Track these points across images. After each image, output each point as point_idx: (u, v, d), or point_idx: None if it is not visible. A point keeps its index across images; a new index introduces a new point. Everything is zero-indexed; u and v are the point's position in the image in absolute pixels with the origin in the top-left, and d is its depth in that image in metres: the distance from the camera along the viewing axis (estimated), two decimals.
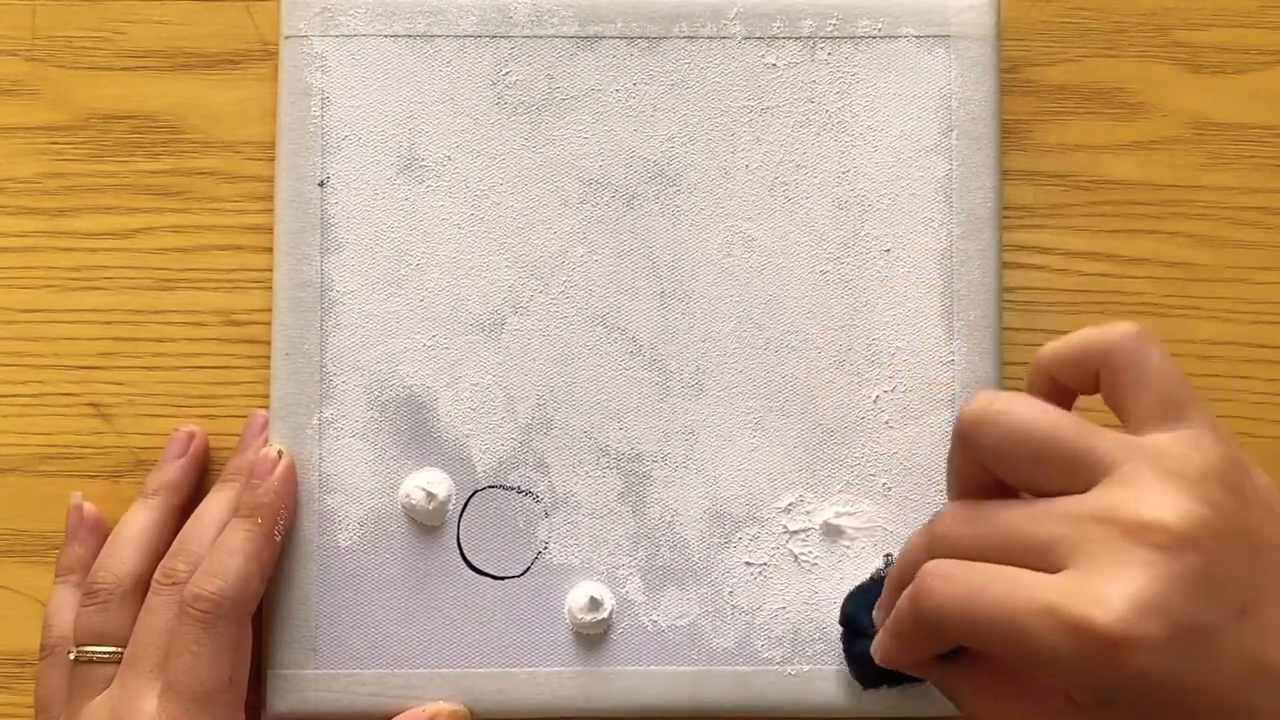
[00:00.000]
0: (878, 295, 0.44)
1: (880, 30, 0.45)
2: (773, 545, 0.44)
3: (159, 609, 0.41)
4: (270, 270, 0.44)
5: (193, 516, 0.43)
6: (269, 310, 0.44)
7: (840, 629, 0.43)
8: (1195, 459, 0.31)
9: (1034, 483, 0.33)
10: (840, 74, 0.45)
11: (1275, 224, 0.46)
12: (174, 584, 0.41)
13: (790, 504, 0.44)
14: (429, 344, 0.44)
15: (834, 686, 0.43)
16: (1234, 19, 0.47)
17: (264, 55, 0.46)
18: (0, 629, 0.45)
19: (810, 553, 0.44)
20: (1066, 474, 0.32)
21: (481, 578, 0.44)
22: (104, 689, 0.41)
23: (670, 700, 0.43)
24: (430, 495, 0.43)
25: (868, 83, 0.45)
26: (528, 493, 0.44)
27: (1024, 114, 0.46)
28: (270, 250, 0.45)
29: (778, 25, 0.45)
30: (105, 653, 0.41)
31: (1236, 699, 0.30)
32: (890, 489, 0.44)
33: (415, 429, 0.44)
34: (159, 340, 0.46)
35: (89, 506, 0.44)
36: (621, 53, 0.45)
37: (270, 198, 0.45)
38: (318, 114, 0.44)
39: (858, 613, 0.42)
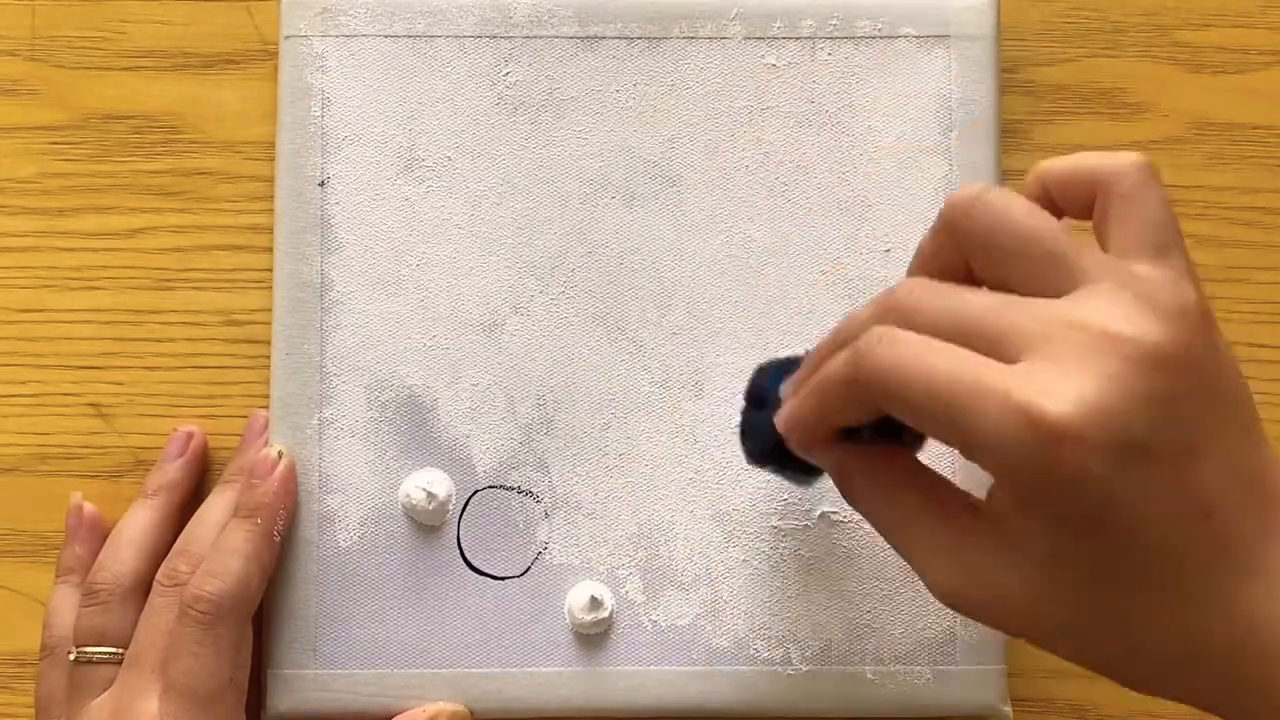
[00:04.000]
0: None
1: (880, 30, 0.45)
2: (772, 545, 0.44)
3: (161, 610, 0.41)
4: (270, 270, 0.44)
5: (194, 517, 0.43)
6: (269, 310, 0.44)
7: (744, 401, 0.40)
8: (1174, 294, 0.30)
9: (1010, 279, 0.32)
10: (840, 74, 0.45)
11: (1275, 224, 0.46)
12: (176, 585, 0.41)
13: (790, 504, 0.44)
14: (429, 344, 0.44)
15: (834, 686, 0.43)
16: (1234, 19, 0.47)
17: (264, 55, 0.46)
18: (0, 629, 0.45)
19: (810, 553, 0.44)
20: (1045, 275, 0.31)
21: (481, 578, 0.44)
22: (104, 689, 0.41)
23: (670, 700, 0.43)
24: (430, 495, 0.43)
25: (868, 83, 0.45)
26: (528, 493, 0.44)
27: (1024, 114, 0.47)
28: (270, 250, 0.45)
29: (778, 25, 0.45)
30: (105, 653, 0.41)
31: (1162, 533, 0.30)
32: None
33: (415, 429, 0.44)
34: (159, 340, 0.46)
35: (89, 506, 0.44)
36: (621, 53, 0.45)
37: (270, 198, 0.45)
38: (318, 114, 0.44)
39: (765, 385, 0.38)
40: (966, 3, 0.45)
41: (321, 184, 0.44)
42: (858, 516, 0.44)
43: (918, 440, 0.35)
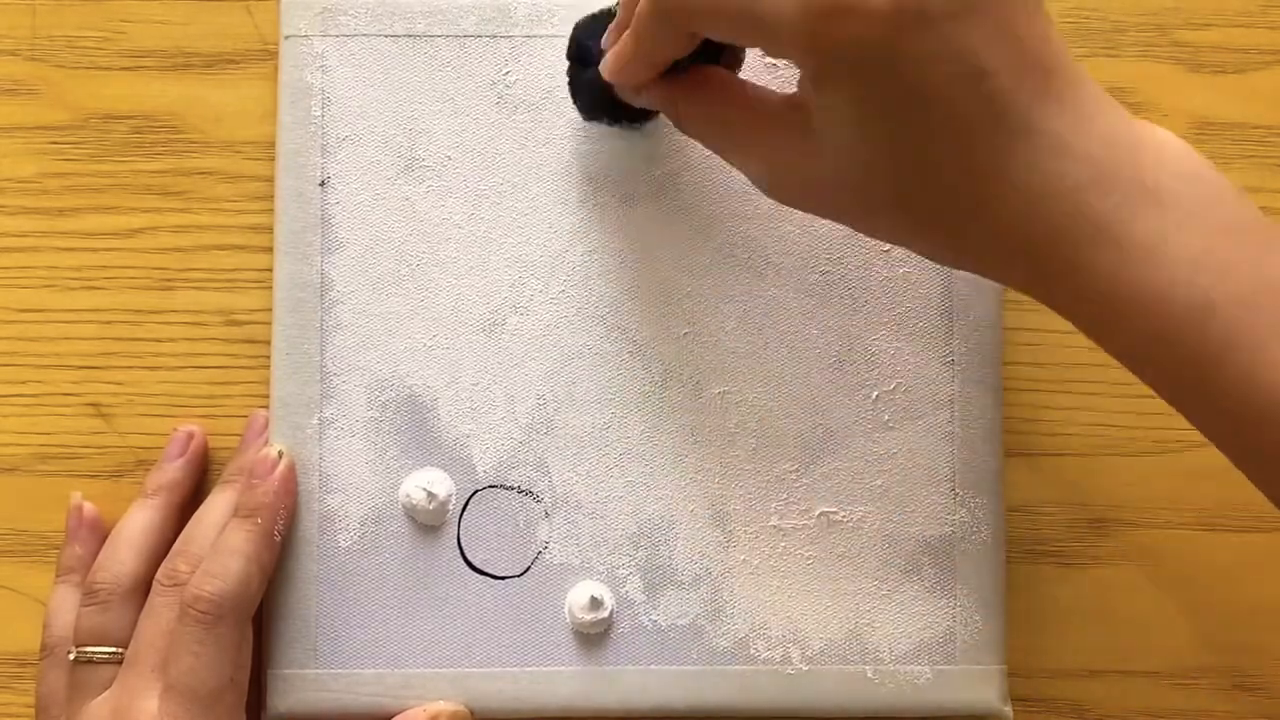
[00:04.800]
0: (878, 295, 0.44)
1: None
2: (772, 545, 0.44)
3: (161, 610, 0.41)
4: (270, 270, 0.44)
5: (194, 517, 0.43)
6: (269, 310, 0.44)
7: (567, 63, 0.42)
8: None
9: None
10: None
11: (1275, 224, 0.46)
12: (176, 585, 0.41)
13: (790, 504, 0.44)
14: (429, 344, 0.44)
15: (834, 686, 0.43)
16: (1234, 19, 0.47)
17: (264, 55, 0.46)
18: (0, 629, 0.45)
19: (810, 552, 0.44)
20: None
21: (481, 577, 0.44)
22: (104, 689, 0.41)
23: (670, 700, 0.43)
24: (430, 495, 0.43)
25: None
26: (528, 493, 0.44)
27: None
28: (270, 250, 0.45)
29: None
30: (105, 653, 0.41)
31: (945, 87, 0.31)
32: (889, 489, 0.44)
33: (415, 429, 0.44)
34: (159, 340, 0.46)
35: (89, 506, 0.44)
36: None
37: (270, 198, 0.45)
38: (318, 114, 0.44)
39: (586, 41, 0.41)
40: None
41: (321, 184, 0.44)
42: (858, 516, 0.44)
43: (736, 64, 0.39)
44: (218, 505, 0.43)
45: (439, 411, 0.44)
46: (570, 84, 0.42)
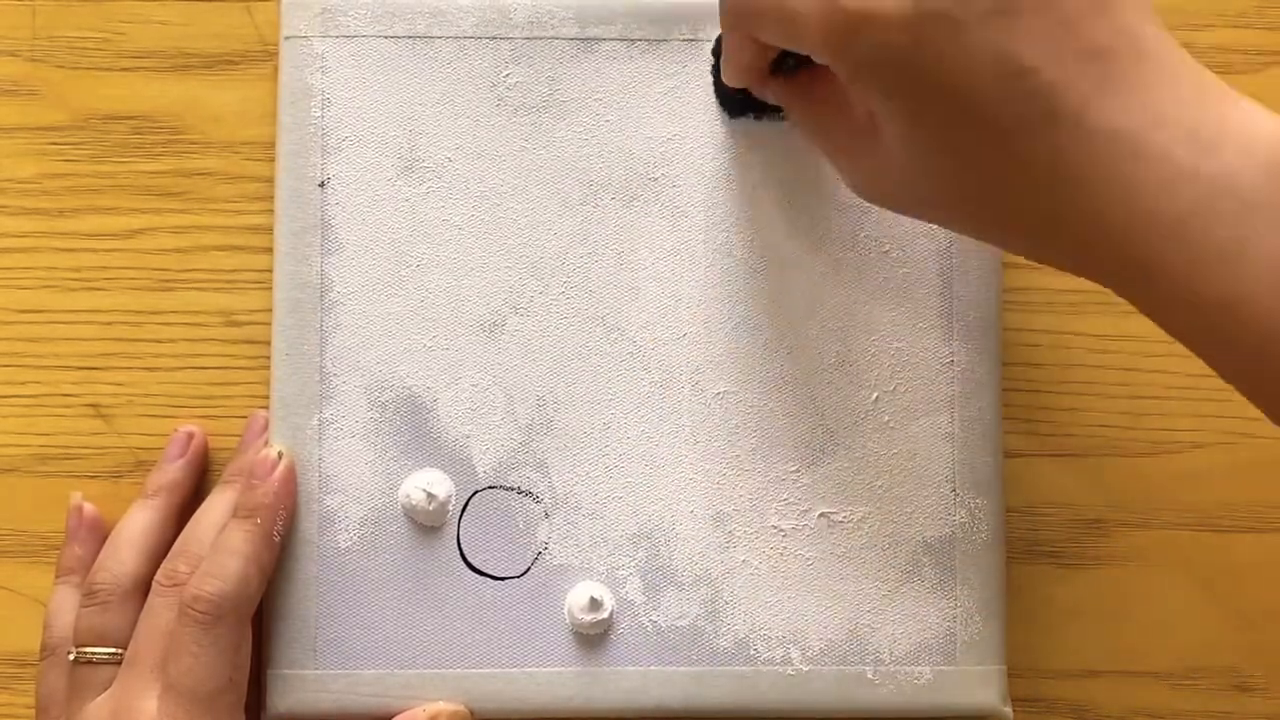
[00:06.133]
0: (877, 296, 0.44)
1: None
2: (772, 545, 0.44)
3: (160, 610, 0.41)
4: (270, 270, 0.44)
5: (193, 518, 0.43)
6: (269, 310, 0.44)
7: (711, 60, 0.44)
8: None
9: None
10: None
11: None
12: (175, 585, 0.41)
13: (790, 504, 0.44)
14: (429, 344, 0.44)
15: (834, 686, 0.43)
16: (1234, 19, 0.47)
17: (264, 55, 0.46)
18: (0, 629, 0.45)
19: (810, 553, 0.44)
20: None
21: (481, 578, 0.44)
22: (104, 690, 0.41)
23: (670, 700, 0.43)
24: (430, 495, 0.43)
25: None
26: (528, 493, 0.44)
27: None
28: (270, 250, 0.45)
29: None
30: (105, 653, 0.41)
31: (984, 89, 0.31)
32: (890, 489, 0.44)
33: (415, 429, 0.44)
34: (159, 340, 0.46)
35: (89, 507, 0.44)
36: (622, 55, 0.45)
37: (270, 198, 0.45)
38: (318, 115, 0.44)
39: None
40: None
41: (321, 184, 0.44)
42: (858, 516, 0.44)
43: None
44: (217, 505, 0.43)
45: (439, 412, 0.44)
46: (714, 88, 0.44)
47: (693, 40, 0.45)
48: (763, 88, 0.40)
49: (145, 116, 0.46)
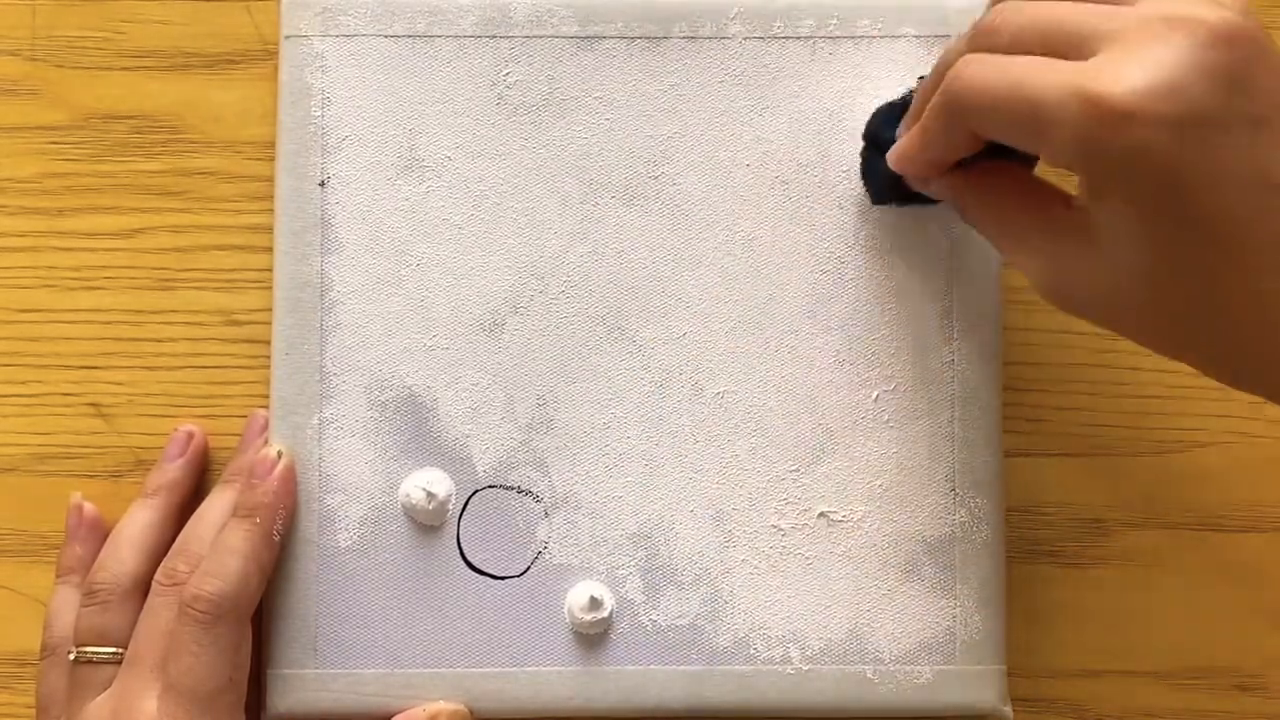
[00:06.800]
0: (878, 295, 0.44)
1: (880, 30, 0.45)
2: (772, 545, 0.44)
3: (160, 610, 0.41)
4: (270, 270, 0.44)
5: (193, 517, 0.43)
6: (269, 310, 0.44)
7: (862, 144, 0.43)
8: None
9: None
10: (840, 74, 0.45)
11: None
12: (175, 584, 0.41)
13: (790, 504, 0.44)
14: (429, 344, 0.44)
15: (834, 686, 0.43)
16: None
17: (264, 55, 0.46)
18: (0, 629, 0.45)
19: (810, 552, 0.44)
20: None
21: (481, 578, 0.44)
22: (104, 689, 0.41)
23: (670, 700, 0.43)
24: (430, 495, 0.43)
25: (868, 83, 0.45)
26: (528, 493, 0.44)
27: None
28: (270, 250, 0.45)
29: (778, 25, 0.45)
30: (105, 653, 0.41)
31: (1236, 205, 0.30)
32: (890, 489, 0.44)
33: (415, 429, 0.44)
34: (159, 340, 0.46)
35: (89, 506, 0.44)
36: (621, 53, 0.45)
37: (270, 198, 0.45)
38: (318, 114, 0.44)
39: (882, 128, 0.41)
40: (966, 3, 0.45)
41: (321, 184, 0.44)
42: (857, 516, 0.44)
43: (1030, 162, 0.37)
44: (217, 505, 0.43)
45: (439, 411, 0.44)
46: (862, 166, 0.43)
47: (692, 38, 0.45)
48: (935, 180, 0.38)
49: (145, 116, 0.46)
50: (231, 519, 0.42)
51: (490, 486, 0.44)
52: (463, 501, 0.44)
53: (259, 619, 0.42)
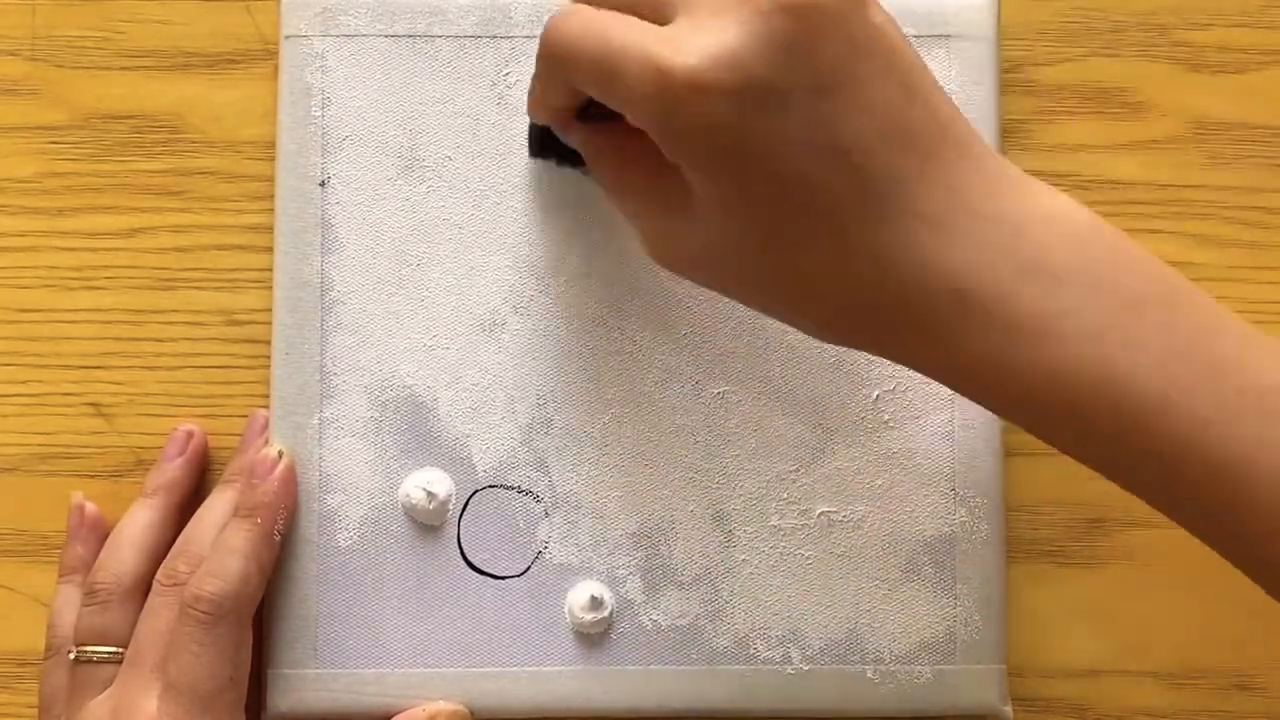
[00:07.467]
0: None
1: None
2: (772, 545, 0.44)
3: (160, 609, 0.41)
4: (270, 270, 0.44)
5: (194, 517, 0.43)
6: (269, 310, 0.44)
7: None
8: None
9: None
10: None
11: (1275, 224, 0.46)
12: (175, 585, 0.41)
13: (790, 504, 0.44)
14: (429, 344, 0.44)
15: (834, 686, 0.43)
16: (1234, 19, 0.47)
17: (264, 55, 0.46)
18: (0, 629, 0.45)
19: (810, 552, 0.44)
20: None
21: (481, 577, 0.44)
22: (105, 689, 0.41)
23: (670, 700, 0.43)
24: (430, 495, 0.43)
25: None
26: (528, 492, 0.44)
27: (1024, 114, 0.46)
28: (270, 250, 0.45)
29: None
30: (106, 653, 0.41)
31: (809, 170, 0.31)
32: (890, 489, 0.44)
33: (415, 429, 0.44)
34: (159, 340, 0.46)
35: (90, 506, 0.44)
36: None
37: (270, 198, 0.45)
38: (318, 114, 0.44)
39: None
40: (966, 3, 0.45)
41: (322, 184, 0.44)
42: (857, 515, 0.44)
43: None
44: (218, 505, 0.43)
45: (439, 411, 0.44)
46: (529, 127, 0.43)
47: None
48: (566, 132, 0.39)
49: (145, 116, 0.46)
50: (232, 519, 0.42)
51: (490, 486, 0.44)
52: (463, 501, 0.44)
53: (259, 619, 0.42)
